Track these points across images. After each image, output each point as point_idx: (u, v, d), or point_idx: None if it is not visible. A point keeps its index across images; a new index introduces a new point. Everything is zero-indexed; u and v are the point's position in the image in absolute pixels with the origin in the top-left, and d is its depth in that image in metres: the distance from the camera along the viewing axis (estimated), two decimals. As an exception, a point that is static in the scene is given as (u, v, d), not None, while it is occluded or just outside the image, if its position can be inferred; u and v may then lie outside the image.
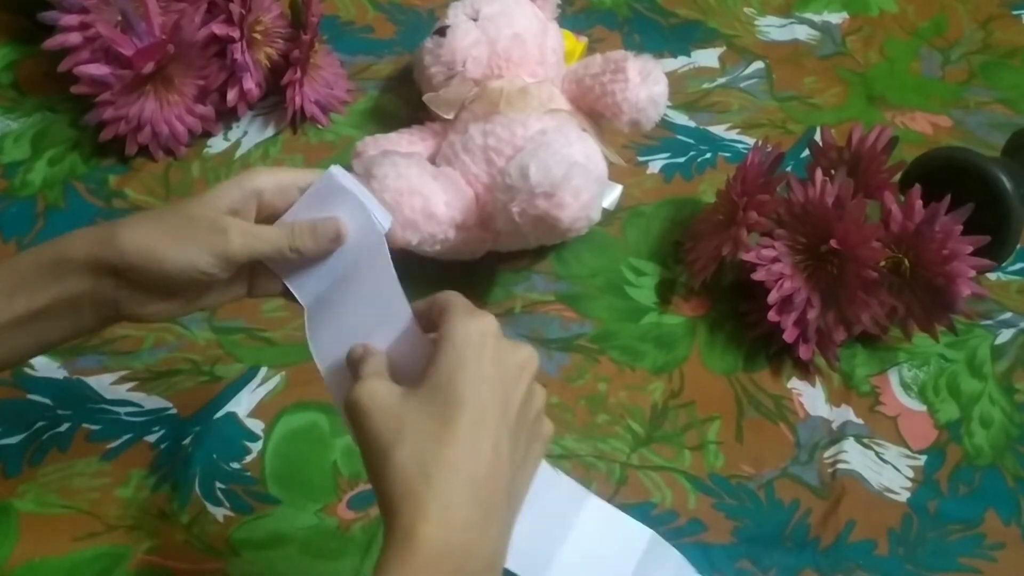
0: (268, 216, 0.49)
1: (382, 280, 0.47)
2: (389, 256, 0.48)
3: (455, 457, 0.39)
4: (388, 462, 0.40)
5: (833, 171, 0.74)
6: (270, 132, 0.83)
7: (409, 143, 0.75)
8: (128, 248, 0.45)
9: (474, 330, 0.42)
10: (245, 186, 0.47)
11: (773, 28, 0.99)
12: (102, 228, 0.47)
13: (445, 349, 0.41)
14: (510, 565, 0.43)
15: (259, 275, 0.50)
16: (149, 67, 0.73)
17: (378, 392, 0.42)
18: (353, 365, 0.45)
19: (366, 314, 0.47)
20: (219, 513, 0.60)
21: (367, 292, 0.48)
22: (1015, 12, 1.04)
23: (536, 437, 0.44)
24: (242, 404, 0.65)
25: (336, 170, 0.48)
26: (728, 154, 0.85)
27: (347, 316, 0.48)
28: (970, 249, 0.67)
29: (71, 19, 0.73)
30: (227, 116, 0.82)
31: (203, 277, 0.46)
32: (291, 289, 0.49)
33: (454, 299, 0.44)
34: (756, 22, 0.99)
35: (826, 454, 0.67)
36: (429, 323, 0.46)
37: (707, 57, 0.94)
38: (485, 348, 0.42)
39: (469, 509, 0.39)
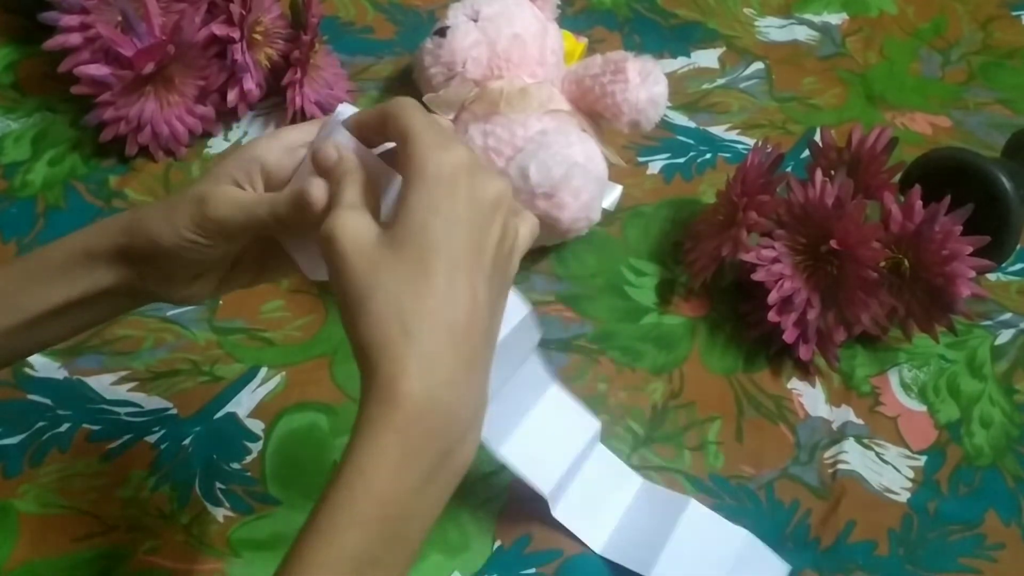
0: (285, 182, 0.45)
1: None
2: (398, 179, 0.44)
3: (433, 307, 0.38)
4: (363, 309, 0.38)
5: (833, 171, 0.74)
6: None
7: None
8: (138, 234, 0.45)
9: (446, 165, 0.39)
10: (244, 156, 0.45)
11: (773, 29, 0.99)
12: (122, 218, 0.46)
13: (416, 187, 0.39)
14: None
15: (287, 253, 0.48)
16: (149, 68, 0.73)
17: (356, 228, 0.39)
18: (325, 175, 0.42)
19: None
20: (219, 513, 0.60)
21: None
22: (1015, 13, 1.04)
23: (508, 274, 0.43)
24: (242, 404, 0.65)
25: (344, 109, 0.45)
26: (728, 155, 0.85)
27: None
28: (970, 249, 0.67)
29: (71, 19, 0.73)
30: (227, 116, 0.82)
31: (201, 250, 0.44)
32: (292, 255, 0.47)
33: (417, 121, 0.40)
34: (756, 23, 0.99)
35: (826, 454, 0.67)
36: (379, 136, 0.42)
37: (707, 58, 0.94)
38: (458, 187, 0.39)
39: (451, 360, 0.38)
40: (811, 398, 0.70)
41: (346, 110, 0.45)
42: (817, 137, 0.83)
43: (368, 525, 0.37)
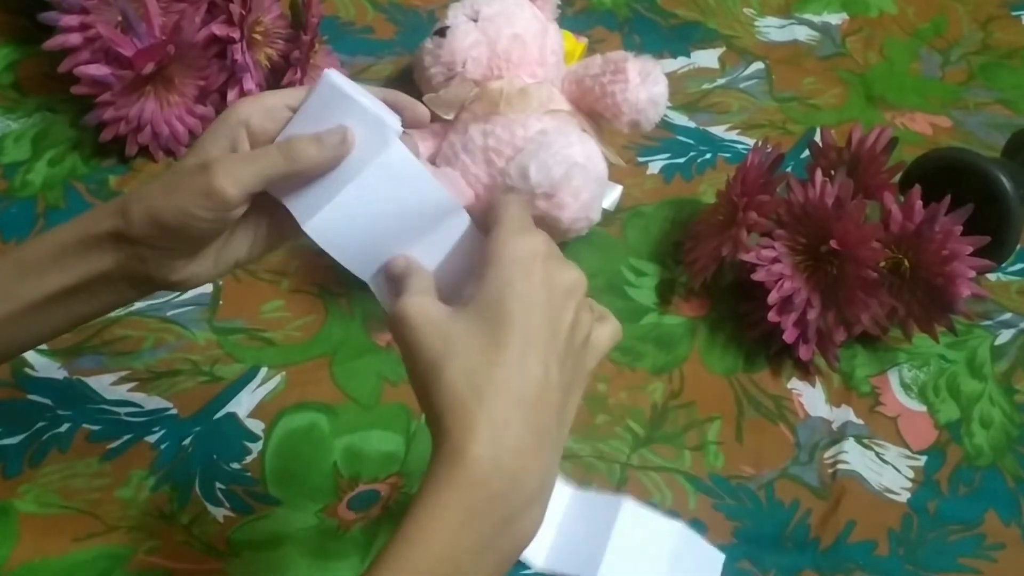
0: (263, 144, 0.46)
1: (419, 184, 0.45)
2: (414, 157, 0.45)
3: (506, 375, 0.39)
4: (438, 377, 0.39)
5: (833, 172, 0.74)
6: (270, 133, 0.83)
7: (409, 143, 0.75)
8: (134, 215, 0.45)
9: (523, 248, 0.41)
10: (230, 120, 0.45)
11: (773, 29, 0.99)
12: (116, 202, 0.46)
13: (493, 266, 0.41)
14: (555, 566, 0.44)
15: (286, 213, 0.48)
16: (149, 68, 0.73)
17: (425, 307, 0.41)
18: (395, 280, 0.44)
19: (408, 223, 0.45)
20: (219, 513, 0.60)
21: (403, 200, 0.45)
22: (1015, 13, 1.04)
23: (583, 365, 0.43)
24: (242, 404, 0.65)
25: (332, 74, 0.45)
26: (728, 155, 0.85)
27: (385, 228, 0.45)
28: (970, 249, 0.67)
29: (71, 20, 0.73)
30: (227, 117, 0.82)
31: (205, 224, 0.44)
32: (288, 207, 0.46)
33: (507, 211, 0.43)
34: (756, 23, 0.99)
35: (826, 454, 0.67)
36: (485, 230, 0.44)
37: (707, 58, 0.94)
38: (534, 268, 0.41)
39: (520, 429, 0.39)
40: (811, 398, 0.70)
41: (332, 75, 0.45)
42: (817, 137, 0.83)
43: None
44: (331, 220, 0.46)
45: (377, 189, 0.46)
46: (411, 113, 0.48)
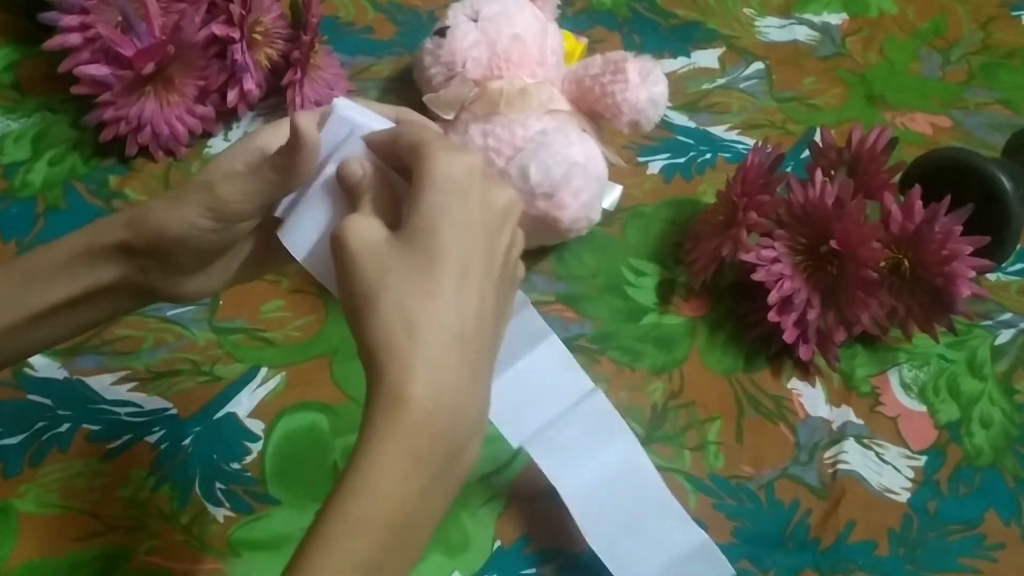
0: None
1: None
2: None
3: (441, 311, 0.37)
4: (371, 310, 0.38)
5: (833, 172, 0.74)
6: (270, 133, 0.83)
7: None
8: (142, 228, 0.45)
9: (458, 168, 0.39)
10: (248, 145, 0.45)
11: (773, 29, 0.99)
12: (125, 213, 0.46)
13: (426, 188, 0.38)
14: None
15: None
16: (149, 68, 0.73)
17: (368, 229, 0.39)
18: (347, 190, 0.42)
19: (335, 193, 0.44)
20: (219, 513, 0.60)
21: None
22: (1015, 13, 1.04)
23: (515, 283, 0.42)
24: (242, 404, 0.65)
25: (340, 103, 0.45)
26: (728, 155, 0.85)
27: (319, 200, 0.45)
28: (970, 250, 0.67)
29: (71, 20, 0.73)
30: (227, 117, 0.82)
31: (209, 236, 0.44)
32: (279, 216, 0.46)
33: (427, 132, 0.41)
34: (756, 23, 0.99)
35: (826, 454, 0.67)
36: (394, 158, 0.42)
37: (707, 58, 0.94)
38: (471, 190, 0.39)
39: (457, 368, 0.38)
40: (811, 398, 0.70)
41: (341, 103, 0.45)
42: (817, 137, 0.83)
43: (374, 533, 0.37)
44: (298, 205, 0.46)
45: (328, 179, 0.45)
46: None
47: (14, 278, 0.46)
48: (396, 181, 0.43)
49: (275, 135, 0.45)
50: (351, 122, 0.45)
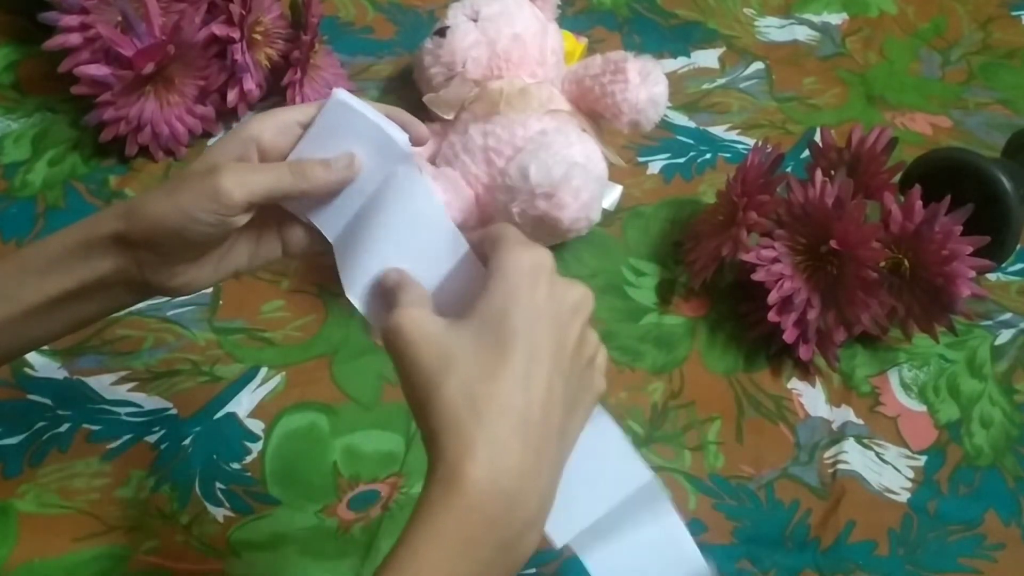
0: (279, 160, 0.47)
1: (419, 202, 0.45)
2: (421, 175, 0.45)
3: (507, 393, 0.37)
4: (435, 394, 0.38)
5: (833, 172, 0.74)
6: (270, 133, 0.83)
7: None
8: (138, 218, 0.45)
9: (527, 261, 0.40)
10: (241, 135, 0.45)
11: (773, 29, 0.99)
12: (121, 205, 0.46)
13: (497, 280, 0.39)
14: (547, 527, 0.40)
15: (290, 228, 0.49)
16: (149, 68, 0.73)
17: (422, 319, 0.40)
18: (388, 293, 0.43)
19: (407, 240, 0.45)
20: (219, 513, 0.60)
21: (404, 217, 0.45)
22: (1014, 13, 1.04)
23: (588, 386, 0.42)
24: (242, 404, 0.65)
25: (341, 93, 0.46)
26: (728, 155, 0.85)
27: (383, 244, 0.45)
28: (970, 249, 0.67)
29: (71, 20, 0.73)
30: (227, 116, 0.82)
31: (206, 228, 0.44)
32: (316, 224, 0.47)
33: (506, 230, 0.42)
34: (756, 23, 0.99)
35: (826, 454, 0.67)
36: (480, 256, 0.43)
37: (707, 58, 0.94)
38: (539, 282, 0.40)
39: (520, 451, 0.37)
40: (811, 398, 0.70)
41: (341, 94, 0.46)
42: (817, 137, 0.83)
43: None
44: (354, 235, 0.47)
45: (382, 207, 0.46)
46: (412, 131, 0.48)
47: (9, 272, 0.46)
48: (471, 266, 0.44)
49: (265, 126, 0.46)
50: (350, 109, 0.45)
